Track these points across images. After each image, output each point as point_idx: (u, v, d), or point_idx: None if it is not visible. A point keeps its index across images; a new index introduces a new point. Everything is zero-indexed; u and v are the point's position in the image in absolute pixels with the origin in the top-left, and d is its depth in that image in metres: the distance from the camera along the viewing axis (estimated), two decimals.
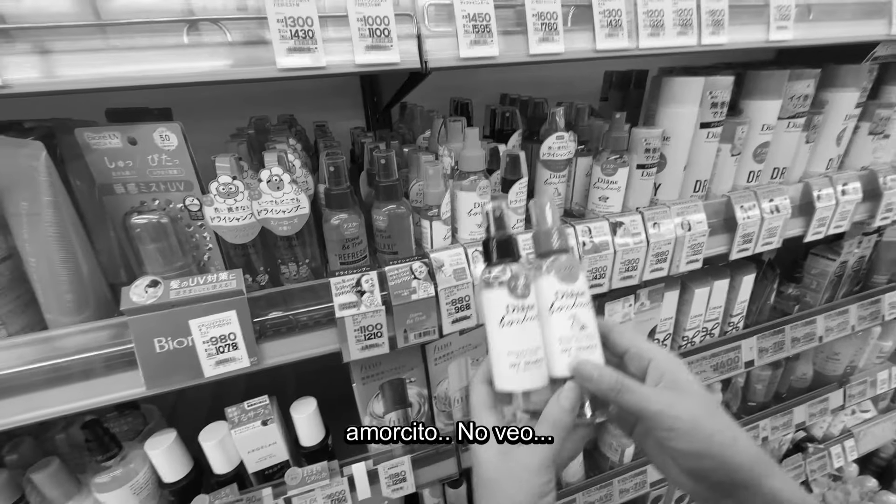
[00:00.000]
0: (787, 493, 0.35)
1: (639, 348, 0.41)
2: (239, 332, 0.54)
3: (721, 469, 0.35)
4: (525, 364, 0.40)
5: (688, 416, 0.35)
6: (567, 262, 0.41)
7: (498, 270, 0.41)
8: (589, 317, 0.41)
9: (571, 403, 0.38)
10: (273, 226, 0.55)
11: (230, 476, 0.71)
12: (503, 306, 0.40)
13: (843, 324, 1.10)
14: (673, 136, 0.74)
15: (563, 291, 0.41)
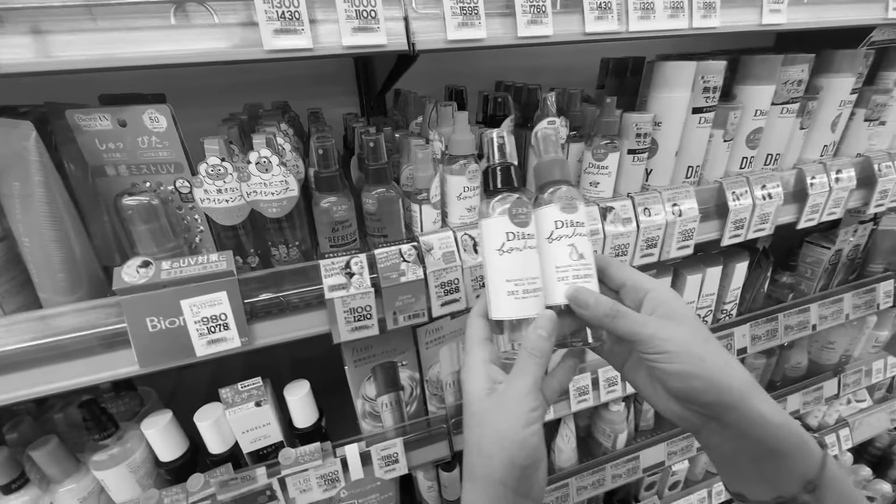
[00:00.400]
0: (773, 415, 0.35)
1: (636, 281, 0.42)
2: (230, 312, 0.55)
3: (711, 389, 0.35)
4: (524, 292, 0.41)
5: (680, 338, 0.36)
6: (567, 192, 0.42)
7: (499, 198, 0.41)
8: (587, 247, 0.42)
9: (548, 330, 0.39)
10: (262, 208, 0.55)
11: (225, 456, 0.72)
12: (503, 233, 0.41)
13: (837, 312, 1.11)
14: (664, 122, 0.74)
15: (564, 220, 0.42)
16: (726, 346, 1.00)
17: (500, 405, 0.38)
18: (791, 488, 0.36)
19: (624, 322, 0.38)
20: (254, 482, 0.70)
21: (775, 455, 0.36)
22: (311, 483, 0.74)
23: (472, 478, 0.39)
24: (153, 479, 0.71)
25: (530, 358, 0.39)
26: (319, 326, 0.60)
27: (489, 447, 0.38)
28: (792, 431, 0.36)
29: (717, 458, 0.40)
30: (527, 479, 0.38)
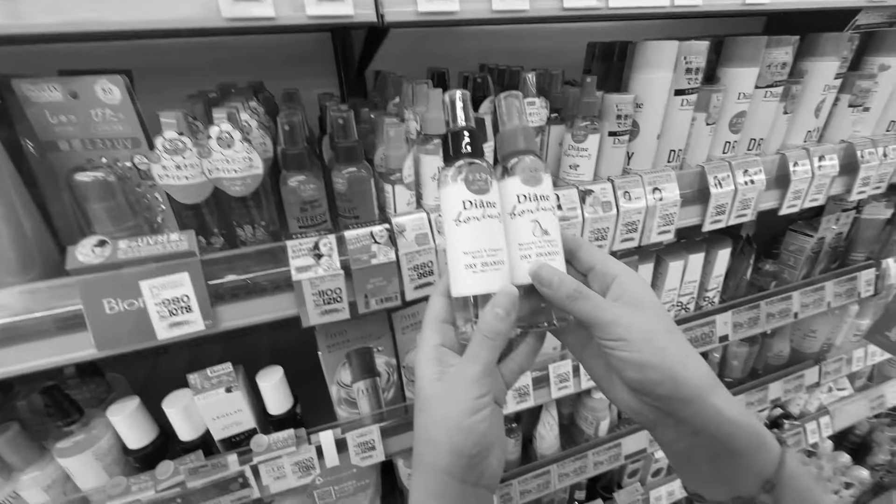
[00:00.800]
0: (730, 410, 0.34)
1: (605, 265, 0.39)
2: (192, 294, 0.53)
3: (667, 382, 0.34)
4: (482, 265, 0.38)
5: (641, 327, 0.35)
6: (531, 163, 0.40)
7: (456, 165, 0.39)
8: (552, 223, 0.40)
9: (506, 309, 0.37)
10: (226, 186, 0.53)
11: (196, 443, 0.71)
12: (459, 202, 0.38)
13: (819, 300, 1.11)
14: (646, 103, 0.72)
15: (527, 194, 0.39)
16: (708, 333, 1.00)
17: (447, 391, 0.36)
18: (749, 488, 0.35)
19: (586, 305, 0.36)
20: (225, 469, 0.69)
21: (731, 454, 0.35)
22: (285, 470, 0.73)
23: (419, 466, 0.37)
24: (121, 466, 0.70)
25: (483, 341, 0.36)
26: (288, 309, 0.59)
27: (435, 434, 0.36)
28: (750, 430, 0.34)
29: (672, 456, 0.39)
30: (474, 468, 0.36)
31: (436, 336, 0.40)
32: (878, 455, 1.62)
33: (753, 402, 1.24)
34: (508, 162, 0.41)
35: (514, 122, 0.42)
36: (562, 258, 0.41)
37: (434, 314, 0.41)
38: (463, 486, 0.36)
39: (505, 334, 0.37)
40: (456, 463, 0.35)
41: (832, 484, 1.55)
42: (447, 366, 0.38)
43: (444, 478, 0.36)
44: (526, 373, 0.87)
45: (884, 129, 0.96)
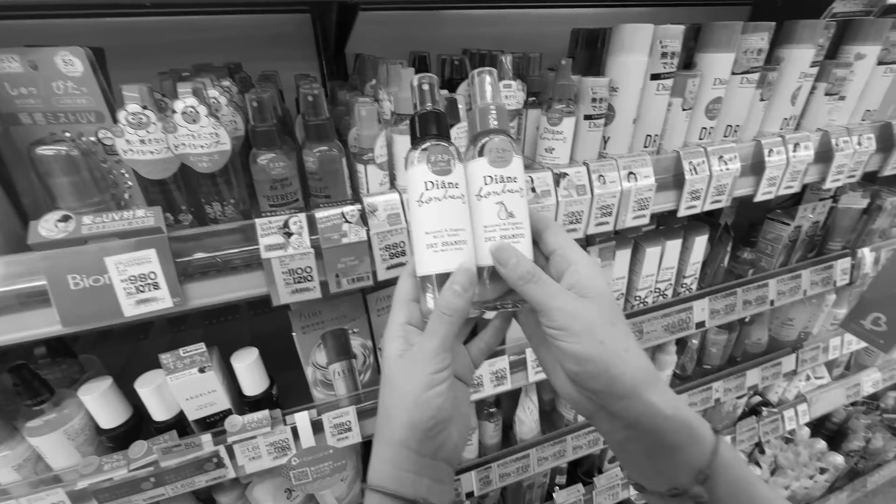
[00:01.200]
0: (663, 407, 0.34)
1: (564, 251, 0.40)
2: (160, 271, 0.53)
3: (603, 376, 0.34)
4: (443, 244, 0.38)
5: (585, 318, 0.35)
6: (499, 143, 0.40)
7: (421, 147, 0.39)
8: (519, 205, 0.40)
9: (462, 285, 0.37)
10: (192, 162, 0.53)
11: (170, 423, 0.71)
12: (422, 182, 0.39)
13: (795, 288, 1.13)
14: (621, 87, 0.73)
15: (493, 175, 0.39)
16: (685, 319, 1.02)
17: (406, 367, 0.37)
18: (683, 479, 0.35)
19: (536, 289, 0.36)
20: (199, 449, 0.69)
21: (664, 447, 0.35)
22: (260, 451, 0.73)
23: (378, 439, 0.38)
24: (94, 446, 0.70)
25: (441, 317, 0.37)
26: (258, 288, 0.59)
27: (393, 409, 0.37)
28: (681, 423, 0.34)
29: (612, 447, 0.39)
30: (430, 441, 0.37)
31: (402, 314, 0.41)
32: (853, 442, 1.66)
33: (731, 388, 1.26)
34: (477, 143, 0.41)
35: (485, 101, 0.41)
36: (528, 242, 0.41)
37: (402, 293, 0.42)
38: (419, 457, 0.37)
39: (462, 311, 0.37)
40: (411, 436, 0.36)
41: (808, 469, 1.59)
42: (412, 343, 0.39)
43: (401, 450, 0.37)
44: (504, 356, 0.88)
45: (859, 118, 0.97)
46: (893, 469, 1.79)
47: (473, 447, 1.07)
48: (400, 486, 0.36)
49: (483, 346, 0.45)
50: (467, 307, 0.38)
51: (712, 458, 0.34)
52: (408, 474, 0.37)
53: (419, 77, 0.40)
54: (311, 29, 0.96)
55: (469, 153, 0.42)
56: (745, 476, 0.36)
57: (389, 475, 0.37)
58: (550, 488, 1.28)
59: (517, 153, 0.41)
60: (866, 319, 1.21)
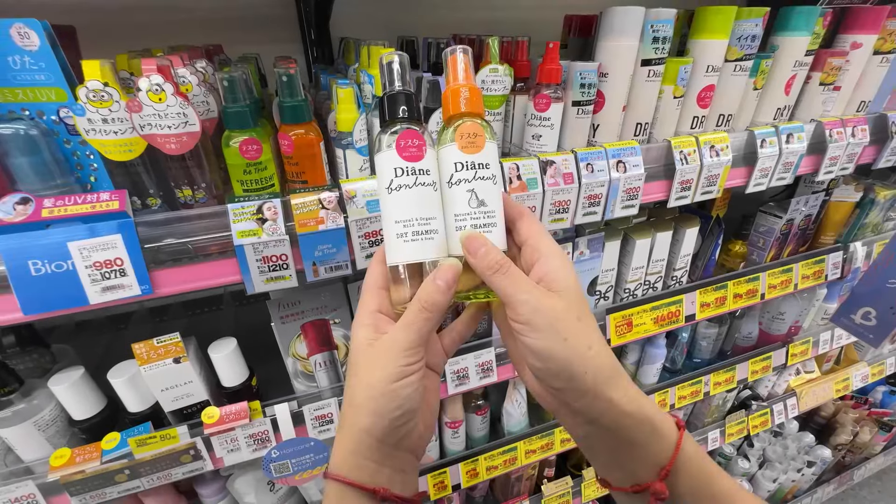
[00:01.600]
0: (624, 404, 0.34)
1: (535, 241, 0.38)
2: (126, 257, 0.51)
3: (564, 373, 0.33)
4: (412, 234, 0.37)
5: (549, 313, 0.34)
6: (471, 128, 0.38)
7: (391, 130, 0.38)
8: (491, 193, 0.38)
9: (447, 281, 0.36)
10: (160, 143, 0.50)
11: (146, 414, 0.69)
12: (391, 169, 0.37)
13: (787, 282, 1.12)
14: (611, 73, 0.71)
15: (464, 162, 0.38)
16: (675, 312, 1.01)
17: (376, 356, 0.35)
18: (645, 475, 0.35)
19: (503, 281, 0.35)
20: (174, 441, 0.67)
21: (625, 444, 0.35)
22: (239, 443, 0.72)
23: (341, 427, 0.37)
24: (67, 438, 0.68)
25: (420, 311, 0.35)
26: (231, 275, 0.57)
27: (359, 397, 0.35)
28: (643, 420, 0.34)
29: (577, 442, 0.39)
30: (395, 431, 0.36)
31: (373, 302, 0.39)
32: (840, 435, 1.67)
33: (721, 381, 1.26)
34: (449, 127, 0.39)
35: (457, 82, 0.39)
36: (500, 231, 0.39)
37: (372, 280, 0.40)
38: (382, 445, 0.36)
39: (443, 307, 0.36)
40: (376, 424, 0.35)
41: (796, 462, 1.60)
42: (381, 332, 0.38)
43: (364, 437, 0.35)
44: (490, 349, 0.87)
45: (854, 109, 0.96)
46: (880, 462, 1.80)
47: (461, 439, 1.06)
48: (360, 475, 0.35)
49: (456, 335, 0.44)
50: (448, 303, 0.37)
51: (674, 454, 0.34)
52: (369, 463, 0.36)
53: (388, 55, 0.38)
54: (295, 10, 0.93)
55: (441, 138, 0.40)
56: (707, 470, 0.35)
57: (351, 464, 0.36)
58: (539, 480, 1.28)
59: (491, 138, 0.40)
60: (856, 314, 1.21)
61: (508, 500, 1.21)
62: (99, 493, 0.66)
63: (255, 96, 0.61)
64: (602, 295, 0.96)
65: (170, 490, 0.81)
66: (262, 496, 0.88)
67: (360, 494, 0.35)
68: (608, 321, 0.93)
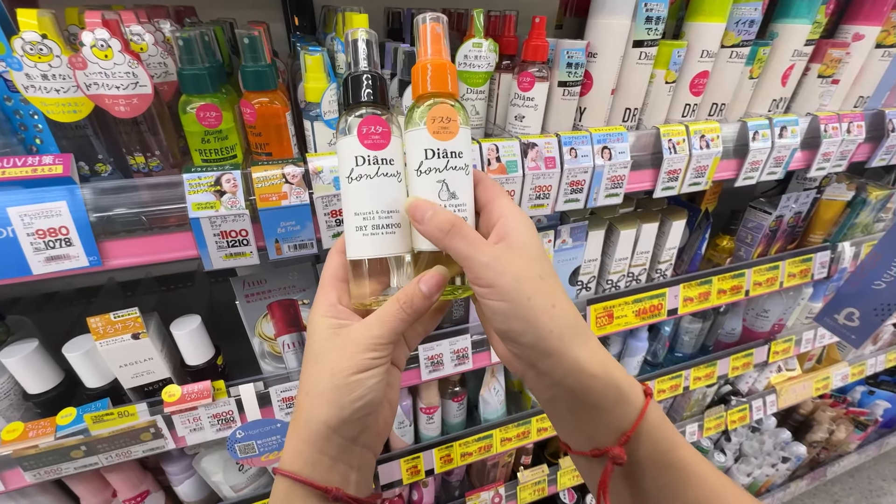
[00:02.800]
0: (591, 365, 0.32)
1: (495, 203, 0.36)
2: (72, 226, 0.48)
3: (530, 333, 0.32)
4: (373, 228, 0.35)
5: (512, 273, 0.32)
6: (444, 111, 0.35)
7: (354, 115, 0.35)
8: (463, 185, 0.36)
9: (430, 290, 0.34)
10: (108, 105, 0.47)
11: (105, 390, 0.67)
12: (352, 157, 0.35)
13: (773, 280, 1.11)
14: (601, 53, 0.67)
15: (435, 149, 0.35)
16: (657, 305, 0.99)
17: (342, 346, 0.34)
18: (605, 439, 0.34)
19: (460, 243, 0.33)
20: (133, 418, 0.66)
21: (588, 406, 0.33)
22: (202, 422, 0.70)
23: (296, 418, 0.35)
24: (21, 412, 0.66)
25: (398, 311, 0.34)
26: (187, 250, 0.54)
27: (320, 385, 0.33)
28: (609, 384, 0.33)
29: (542, 405, 0.38)
30: (356, 423, 0.34)
31: (332, 294, 0.38)
32: (817, 433, 1.69)
33: (701, 376, 1.26)
34: (419, 107, 0.36)
35: (429, 56, 0.36)
36: (471, 223, 0.37)
37: (331, 272, 0.39)
38: (339, 439, 0.34)
39: (422, 312, 0.35)
40: (336, 415, 0.33)
41: (771, 458, 1.62)
42: (343, 323, 0.36)
43: (321, 428, 0.33)
44: (467, 336, 0.85)
45: (852, 105, 0.93)
46: (853, 460, 1.83)
47: (436, 425, 1.05)
48: (313, 472, 0.33)
49: (420, 329, 0.42)
50: (428, 309, 0.35)
51: (637, 420, 0.33)
52: (323, 458, 0.34)
53: (354, 32, 0.35)
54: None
55: (409, 118, 0.37)
56: (670, 439, 0.34)
57: (304, 458, 0.34)
58: (515, 467, 1.29)
59: (465, 123, 0.36)
60: (840, 314, 1.20)
61: (484, 485, 1.22)
62: (54, 469, 0.65)
63: (219, 61, 0.57)
64: (584, 285, 0.95)
65: (134, 466, 0.80)
66: (230, 475, 0.87)
67: (310, 493, 0.33)
68: (589, 312, 0.92)
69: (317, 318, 0.36)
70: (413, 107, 0.37)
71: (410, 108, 0.37)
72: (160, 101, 0.51)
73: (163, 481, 0.87)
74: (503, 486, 1.22)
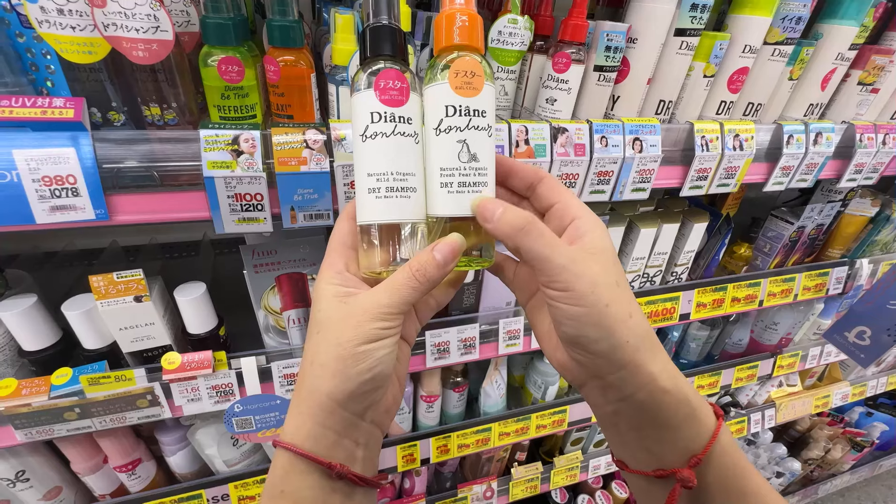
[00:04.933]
0: (664, 379, 0.30)
1: (567, 204, 0.34)
2: (80, 175, 0.46)
3: (604, 341, 0.30)
4: (386, 190, 0.33)
5: (590, 278, 0.30)
6: (468, 65, 0.32)
7: (369, 69, 0.32)
8: (484, 147, 0.34)
9: (444, 258, 0.32)
10: (126, 48, 0.44)
11: (103, 352, 0.65)
12: (367, 113, 0.32)
13: (787, 291, 1.08)
14: (641, 38, 0.64)
15: (456, 106, 0.33)
16: (670, 309, 0.97)
17: (350, 314, 0.32)
18: (673, 460, 0.31)
19: (536, 242, 0.31)
20: (130, 383, 0.63)
21: (658, 424, 0.31)
22: (200, 393, 0.68)
23: (299, 390, 0.33)
24: (16, 368, 0.64)
25: (410, 279, 0.32)
26: (199, 210, 0.51)
27: (325, 355, 0.31)
28: (680, 400, 0.30)
29: (600, 419, 0.36)
30: (363, 397, 0.32)
31: (340, 261, 0.35)
32: (812, 450, 1.67)
33: (704, 385, 1.24)
34: (440, 62, 0.34)
35: (454, 5, 0.33)
36: (492, 189, 0.35)
37: (339, 238, 0.36)
38: (345, 413, 0.32)
39: (435, 282, 0.32)
40: (342, 388, 0.31)
41: (765, 472, 1.60)
42: (351, 291, 0.34)
43: (325, 401, 0.31)
44: (475, 325, 0.83)
45: (888, 117, 0.90)
46: (846, 480, 1.82)
47: (435, 414, 1.03)
48: (315, 445, 0.31)
49: (433, 302, 0.40)
50: (442, 279, 0.33)
51: (710, 441, 0.30)
52: (328, 432, 0.31)
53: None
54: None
55: (429, 74, 0.34)
56: (741, 465, 0.32)
57: (307, 431, 0.31)
58: (510, 463, 1.27)
59: (490, 80, 0.34)
60: (851, 332, 1.18)
61: (478, 479, 1.20)
62: (46, 429, 0.63)
63: (243, 15, 0.54)
64: None
65: (127, 433, 0.78)
66: (224, 449, 0.85)
67: (312, 468, 0.31)
68: None
69: (323, 285, 0.34)
70: (434, 61, 0.34)
71: (431, 62, 0.35)
72: (180, 51, 0.48)
73: (155, 451, 0.85)
74: (496, 480, 1.21)
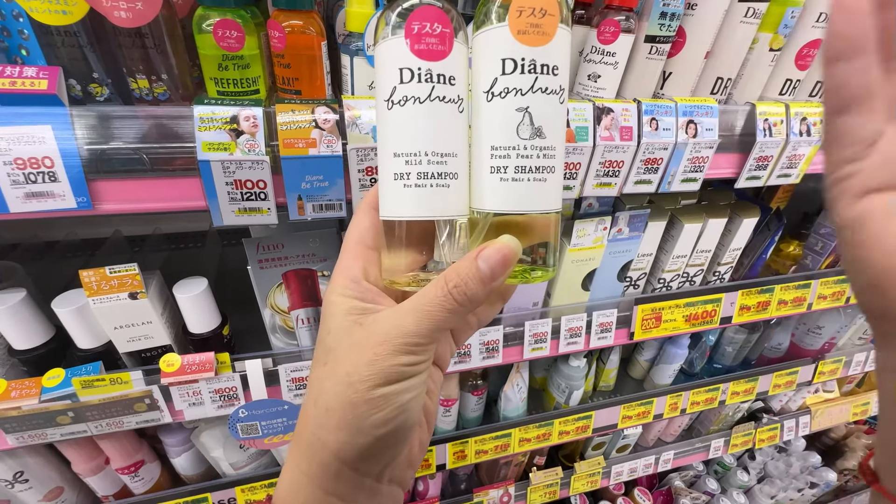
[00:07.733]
0: None
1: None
2: (58, 156, 0.40)
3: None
4: (418, 175, 0.24)
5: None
6: (537, 2, 0.24)
7: (399, 8, 0.24)
8: (555, 120, 0.25)
9: (492, 270, 0.23)
10: (106, 8, 0.38)
11: (98, 352, 0.60)
12: (396, 70, 0.24)
13: (839, 294, 0.99)
14: (701, 4, 0.55)
15: (519, 59, 0.24)
16: (710, 311, 0.89)
17: (366, 342, 0.24)
18: None
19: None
20: (126, 386, 0.59)
21: None
22: (202, 397, 0.63)
23: (298, 435, 0.26)
24: (6, 368, 0.59)
25: (446, 298, 0.23)
26: (195, 199, 0.45)
27: (331, 397, 0.24)
28: None
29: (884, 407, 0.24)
30: (379, 455, 0.25)
31: (356, 265, 0.27)
32: (849, 460, 1.58)
33: (739, 391, 1.16)
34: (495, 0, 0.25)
35: None
36: (557, 181, 0.26)
37: (358, 235, 0.28)
38: (355, 476, 0.25)
39: (478, 301, 0.24)
40: (350, 443, 0.23)
41: (798, 482, 1.52)
42: (369, 307, 0.26)
43: (330, 460, 0.24)
44: (499, 327, 0.76)
45: None
46: None
47: (452, 418, 0.97)
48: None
49: (474, 320, 0.32)
50: (486, 297, 0.24)
51: None
52: (331, 500, 0.24)
53: None
54: None
55: (479, 17, 0.26)
56: None
57: (304, 497, 0.24)
58: (528, 467, 1.21)
59: (565, 24, 0.25)
60: None
61: (494, 483, 1.15)
62: (39, 433, 0.59)
63: None
64: (633, 282, 0.84)
65: (129, 435, 0.74)
66: (230, 452, 0.81)
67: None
68: (635, 312, 0.82)
69: (334, 297, 0.26)
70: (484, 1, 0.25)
71: (481, 4, 0.26)
72: (172, 15, 0.42)
73: (160, 450, 0.81)
74: (514, 485, 1.15)
